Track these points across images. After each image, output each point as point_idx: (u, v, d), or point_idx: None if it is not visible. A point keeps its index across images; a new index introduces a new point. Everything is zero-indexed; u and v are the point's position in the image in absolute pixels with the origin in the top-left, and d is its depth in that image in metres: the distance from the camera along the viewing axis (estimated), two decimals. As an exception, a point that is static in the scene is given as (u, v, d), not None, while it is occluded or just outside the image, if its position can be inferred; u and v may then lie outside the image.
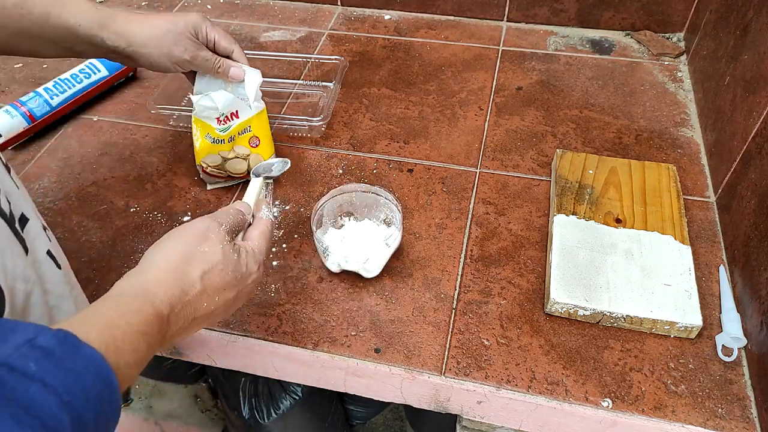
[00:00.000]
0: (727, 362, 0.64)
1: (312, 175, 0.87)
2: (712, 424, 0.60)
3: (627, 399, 0.62)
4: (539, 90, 1.01)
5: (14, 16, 0.61)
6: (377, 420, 1.43)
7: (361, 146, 0.91)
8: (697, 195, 0.82)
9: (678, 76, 1.03)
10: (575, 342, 0.67)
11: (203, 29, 0.72)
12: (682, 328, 0.65)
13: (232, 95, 0.77)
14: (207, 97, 0.75)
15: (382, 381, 0.67)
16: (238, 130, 0.80)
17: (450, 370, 0.65)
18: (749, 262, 0.67)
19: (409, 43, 1.12)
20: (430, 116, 0.96)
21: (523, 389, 0.63)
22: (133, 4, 1.25)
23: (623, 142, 0.90)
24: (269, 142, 0.83)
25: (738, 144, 0.76)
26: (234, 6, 1.24)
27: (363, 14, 1.21)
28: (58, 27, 0.63)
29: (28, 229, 0.48)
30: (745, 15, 0.81)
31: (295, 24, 1.18)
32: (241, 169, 0.82)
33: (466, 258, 0.75)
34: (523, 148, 0.90)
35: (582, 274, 0.69)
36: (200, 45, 0.72)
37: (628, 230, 0.73)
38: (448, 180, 0.86)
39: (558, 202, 0.77)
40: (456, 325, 0.68)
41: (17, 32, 0.62)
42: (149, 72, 1.07)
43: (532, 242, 0.77)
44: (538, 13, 1.14)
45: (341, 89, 1.01)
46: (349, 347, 0.67)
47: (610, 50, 1.09)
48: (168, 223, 0.80)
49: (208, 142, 0.79)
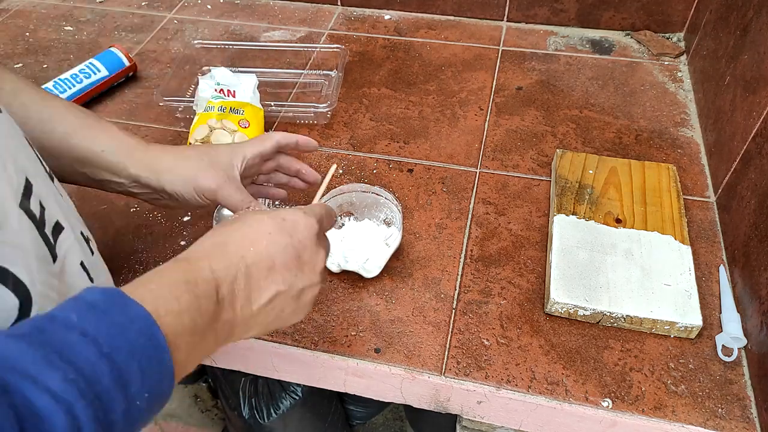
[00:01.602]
0: (727, 362, 0.64)
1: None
2: (712, 424, 0.60)
3: (627, 399, 0.62)
4: (539, 90, 1.01)
5: (36, 133, 0.58)
6: (377, 420, 1.43)
7: (361, 146, 0.91)
8: (697, 195, 0.82)
9: (678, 76, 1.03)
10: (575, 342, 0.67)
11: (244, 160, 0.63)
12: (682, 328, 0.65)
13: (233, 74, 0.88)
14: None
15: (382, 381, 0.67)
16: (231, 106, 0.85)
17: (450, 370, 0.65)
18: (749, 262, 0.67)
19: (409, 43, 1.12)
20: (430, 116, 0.96)
21: (523, 389, 0.63)
22: (133, 4, 1.25)
23: (623, 142, 0.90)
24: (260, 132, 0.87)
25: (738, 144, 0.76)
26: (234, 6, 1.24)
27: (363, 14, 1.21)
28: (79, 149, 0.59)
29: (62, 238, 0.46)
30: (745, 15, 0.81)
31: (295, 24, 1.18)
32: (225, 142, 0.83)
33: (466, 258, 0.75)
34: (523, 148, 0.90)
35: (582, 274, 0.69)
36: (234, 177, 0.62)
37: (628, 230, 0.73)
38: (448, 180, 0.86)
39: (558, 202, 0.77)
40: (456, 325, 0.68)
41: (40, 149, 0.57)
42: (149, 72, 1.07)
43: (532, 242, 0.77)
44: (538, 13, 1.14)
45: (341, 89, 1.02)
46: (349, 347, 0.67)
47: (610, 50, 1.09)
48: (168, 223, 0.80)
49: (202, 113, 0.85)
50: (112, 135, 0.61)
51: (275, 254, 0.45)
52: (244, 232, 0.45)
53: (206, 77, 0.90)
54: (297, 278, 0.47)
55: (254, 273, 0.44)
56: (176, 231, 0.80)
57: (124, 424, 0.32)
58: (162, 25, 1.19)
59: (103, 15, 1.22)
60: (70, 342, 0.30)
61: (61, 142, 0.59)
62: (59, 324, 0.31)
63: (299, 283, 0.47)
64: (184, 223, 0.81)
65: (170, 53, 1.11)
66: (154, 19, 1.21)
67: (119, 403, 0.31)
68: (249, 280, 0.43)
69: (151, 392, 0.33)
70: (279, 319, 0.47)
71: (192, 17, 1.21)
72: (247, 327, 0.44)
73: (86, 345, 0.31)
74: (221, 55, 1.08)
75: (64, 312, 0.32)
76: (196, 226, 0.80)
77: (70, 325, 0.31)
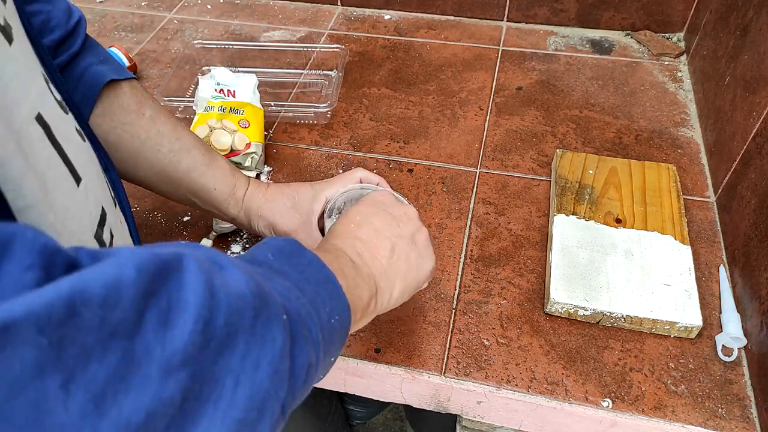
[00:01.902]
0: (727, 362, 0.64)
1: (312, 176, 0.87)
2: (712, 424, 0.60)
3: (627, 399, 0.62)
4: (539, 90, 1.01)
5: (164, 162, 0.64)
6: (377, 420, 1.43)
7: (361, 146, 0.91)
8: (697, 195, 0.82)
9: (678, 76, 1.03)
10: (575, 342, 0.66)
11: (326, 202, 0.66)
12: (682, 328, 0.65)
13: (233, 74, 0.89)
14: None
15: (382, 381, 0.67)
16: (231, 106, 0.85)
17: (450, 370, 0.65)
18: (749, 262, 0.67)
19: (409, 43, 1.12)
20: (430, 116, 0.96)
21: (523, 389, 0.63)
22: (133, 4, 1.25)
23: (623, 142, 0.90)
24: (260, 132, 0.87)
25: (738, 144, 0.76)
26: (234, 6, 1.24)
27: (363, 14, 1.21)
28: (197, 184, 0.66)
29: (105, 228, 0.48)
30: (745, 15, 0.81)
31: (295, 24, 1.18)
32: (225, 142, 0.83)
33: (466, 258, 0.75)
34: (523, 148, 0.90)
35: (582, 274, 0.69)
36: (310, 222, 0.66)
37: (628, 230, 0.73)
38: (448, 180, 0.86)
39: (558, 202, 0.77)
40: (456, 325, 0.68)
41: (163, 176, 0.65)
42: (149, 72, 1.07)
43: (532, 242, 0.77)
44: (538, 13, 1.14)
45: (341, 90, 1.02)
46: (349, 347, 0.67)
47: (610, 50, 1.09)
48: (168, 223, 0.80)
49: (202, 113, 0.85)
50: (224, 174, 0.67)
51: (372, 218, 0.52)
52: (341, 221, 0.53)
53: (206, 77, 0.90)
54: (401, 228, 0.53)
55: (364, 236, 0.51)
56: (176, 231, 0.80)
57: (329, 334, 0.38)
58: (162, 25, 1.19)
59: (103, 15, 1.22)
60: (276, 268, 0.38)
61: (184, 174, 0.65)
62: (262, 260, 0.39)
63: (405, 231, 0.53)
64: (184, 223, 0.81)
65: (170, 53, 1.11)
66: (154, 19, 1.21)
67: (323, 313, 0.38)
68: (364, 242, 0.50)
69: (340, 316, 0.40)
70: (412, 267, 0.52)
71: (192, 17, 1.21)
72: (388, 279, 0.50)
73: (288, 271, 0.39)
74: (221, 55, 1.08)
75: (262, 253, 0.40)
76: (196, 226, 0.80)
77: (269, 261, 0.39)
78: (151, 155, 0.64)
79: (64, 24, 0.57)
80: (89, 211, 0.41)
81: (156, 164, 0.64)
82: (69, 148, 0.39)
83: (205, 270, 0.28)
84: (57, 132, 0.37)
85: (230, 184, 0.67)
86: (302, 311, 0.35)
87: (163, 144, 0.64)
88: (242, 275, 0.31)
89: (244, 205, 0.68)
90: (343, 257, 0.47)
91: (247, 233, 0.79)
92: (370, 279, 0.48)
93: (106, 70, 0.60)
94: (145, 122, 0.63)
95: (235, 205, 0.68)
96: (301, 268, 0.40)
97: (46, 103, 0.37)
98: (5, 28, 0.34)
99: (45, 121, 0.36)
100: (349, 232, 0.51)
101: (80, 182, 0.39)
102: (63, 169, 0.37)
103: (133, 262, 0.25)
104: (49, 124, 0.36)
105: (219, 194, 0.67)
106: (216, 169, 0.66)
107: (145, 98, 0.64)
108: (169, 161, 0.64)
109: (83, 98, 0.59)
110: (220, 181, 0.67)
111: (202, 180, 0.66)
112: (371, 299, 0.47)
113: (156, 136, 0.63)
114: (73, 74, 0.59)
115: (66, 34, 0.57)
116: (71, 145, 0.39)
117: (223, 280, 0.29)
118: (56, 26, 0.56)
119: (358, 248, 0.49)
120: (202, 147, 0.67)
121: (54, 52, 0.57)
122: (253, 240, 0.78)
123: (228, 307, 0.28)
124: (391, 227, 0.53)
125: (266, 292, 0.32)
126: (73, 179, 0.38)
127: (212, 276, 0.28)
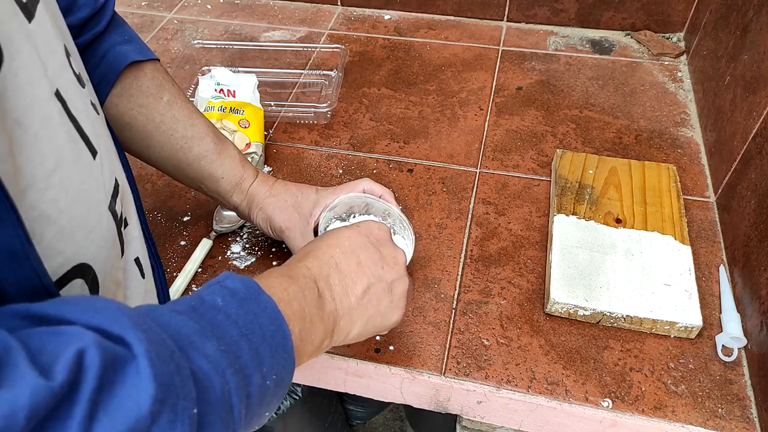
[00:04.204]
0: (727, 362, 0.64)
1: (312, 175, 0.87)
2: (712, 424, 0.60)
3: (627, 399, 0.62)
4: (539, 90, 1.01)
5: (177, 146, 0.65)
6: (377, 420, 1.43)
7: (361, 146, 0.91)
8: (697, 195, 0.82)
9: (678, 76, 1.03)
10: (575, 342, 0.66)
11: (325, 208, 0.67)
12: (682, 328, 0.65)
13: (233, 74, 0.88)
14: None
15: (382, 381, 0.67)
16: (231, 106, 0.85)
17: (450, 370, 0.65)
18: (749, 262, 0.67)
19: (409, 43, 1.12)
20: (430, 116, 0.96)
21: (523, 389, 0.63)
22: (133, 4, 1.25)
23: (623, 142, 0.90)
24: (260, 132, 0.87)
25: (738, 144, 0.76)
26: (234, 6, 1.24)
27: (363, 14, 1.21)
28: (206, 171, 0.67)
29: (127, 231, 0.48)
30: (745, 15, 0.81)
31: (295, 24, 1.18)
32: None
33: (466, 258, 0.75)
34: (523, 148, 0.90)
35: (582, 274, 0.69)
36: (305, 224, 0.67)
37: (628, 230, 0.73)
38: (448, 180, 0.86)
39: (558, 202, 0.77)
40: (456, 325, 0.68)
41: (174, 160, 0.66)
42: (149, 72, 1.07)
43: (532, 242, 0.77)
44: (538, 13, 1.14)
45: (341, 90, 1.02)
46: (349, 347, 0.67)
47: (610, 50, 1.09)
48: (168, 223, 0.80)
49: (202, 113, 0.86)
50: (234, 165, 0.67)
51: (359, 250, 0.50)
52: (328, 240, 0.50)
53: (206, 77, 0.90)
54: (384, 271, 0.51)
55: (344, 268, 0.48)
56: (176, 231, 0.80)
57: (258, 399, 0.36)
58: (162, 25, 1.19)
59: (103, 15, 1.22)
60: (218, 321, 0.35)
61: (194, 161, 0.66)
62: (208, 306, 0.36)
63: (387, 275, 0.51)
64: (184, 223, 0.81)
65: (170, 53, 1.11)
66: (154, 19, 1.21)
67: (255, 377, 0.35)
68: (341, 274, 0.48)
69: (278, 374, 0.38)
70: (378, 314, 0.50)
71: (192, 17, 1.21)
72: (350, 319, 0.48)
73: (229, 325, 0.36)
74: (221, 55, 1.08)
75: (211, 296, 0.37)
76: (196, 226, 0.80)
77: (217, 307, 0.36)
78: (164, 139, 0.64)
79: (92, 2, 0.57)
80: (104, 182, 0.40)
81: (167, 148, 0.65)
82: (85, 121, 0.38)
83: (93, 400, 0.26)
84: (73, 107, 0.37)
85: (238, 175, 0.68)
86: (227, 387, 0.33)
87: (177, 129, 0.64)
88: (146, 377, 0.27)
89: (248, 195, 0.68)
90: (311, 290, 0.45)
91: (247, 233, 0.79)
92: (331, 317, 0.46)
93: (130, 51, 0.60)
94: (162, 106, 0.63)
95: (240, 194, 0.68)
96: (252, 317, 0.37)
97: (64, 77, 0.37)
98: (26, 5, 0.33)
99: (62, 96, 0.36)
100: (331, 257, 0.48)
101: (96, 155, 0.39)
102: (81, 144, 0.37)
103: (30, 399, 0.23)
104: (65, 100, 0.36)
105: (226, 183, 0.67)
106: (226, 158, 0.67)
107: (165, 81, 0.64)
108: (180, 147, 0.65)
109: (103, 78, 0.59)
110: (229, 171, 0.67)
111: (211, 168, 0.66)
112: (324, 339, 0.45)
113: (171, 121, 0.63)
114: (97, 53, 0.58)
115: (93, 12, 0.57)
116: (87, 118, 0.39)
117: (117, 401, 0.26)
118: (84, 4, 0.56)
119: (333, 280, 0.47)
120: (215, 135, 0.67)
121: (79, 30, 0.56)
122: (253, 240, 0.78)
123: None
124: (375, 267, 0.50)
125: (175, 387, 0.29)
126: (89, 152, 0.38)
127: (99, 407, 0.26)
